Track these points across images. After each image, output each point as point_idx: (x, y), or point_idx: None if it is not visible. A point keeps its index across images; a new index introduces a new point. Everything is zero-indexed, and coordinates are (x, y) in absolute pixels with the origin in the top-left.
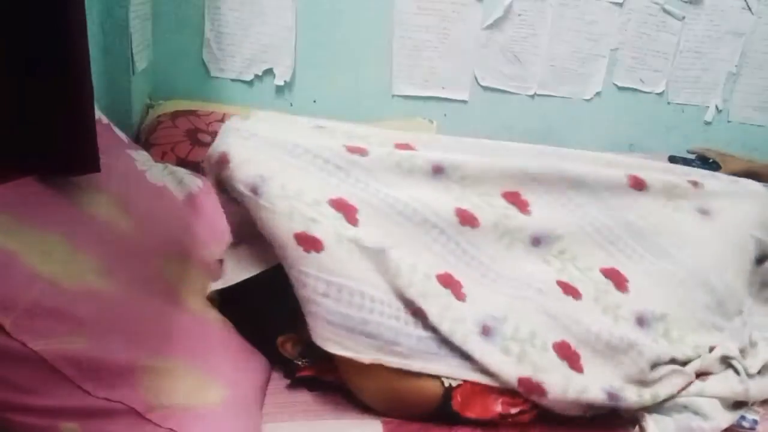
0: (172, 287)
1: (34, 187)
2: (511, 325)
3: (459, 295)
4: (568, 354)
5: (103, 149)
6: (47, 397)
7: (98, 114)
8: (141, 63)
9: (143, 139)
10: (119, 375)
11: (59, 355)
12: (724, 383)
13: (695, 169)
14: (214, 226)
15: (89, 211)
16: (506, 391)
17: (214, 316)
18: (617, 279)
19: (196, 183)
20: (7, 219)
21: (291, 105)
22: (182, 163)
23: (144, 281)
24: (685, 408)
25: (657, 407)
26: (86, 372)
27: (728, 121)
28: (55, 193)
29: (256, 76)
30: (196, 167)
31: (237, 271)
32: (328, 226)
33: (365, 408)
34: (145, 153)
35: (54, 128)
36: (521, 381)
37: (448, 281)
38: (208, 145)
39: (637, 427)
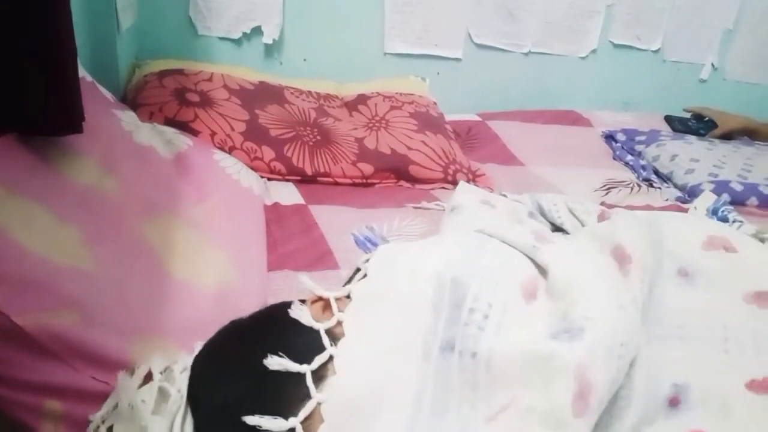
0: (157, 255)
1: (15, 150)
2: None
3: None
4: None
5: (88, 109)
6: (31, 372)
7: (82, 72)
8: (126, 21)
9: (130, 99)
10: (107, 355)
11: (46, 330)
12: None
13: None
14: (203, 184)
15: (72, 177)
16: None
17: (201, 282)
18: None
19: (185, 142)
20: None
21: (281, 64)
22: (170, 122)
23: (129, 251)
24: None
25: None
26: (74, 349)
27: (724, 80)
28: (36, 157)
29: (244, 34)
30: (184, 126)
31: None
32: None
33: None
34: (131, 113)
35: (34, 86)
36: None
37: None
38: (195, 104)
39: None
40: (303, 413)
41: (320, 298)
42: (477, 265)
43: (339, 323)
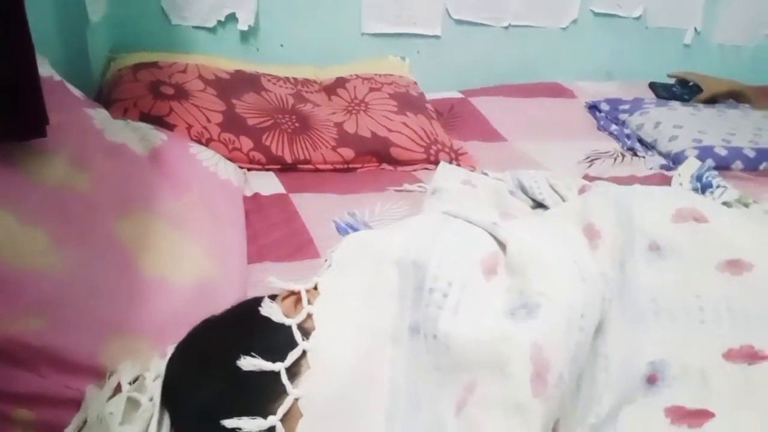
0: (130, 251)
1: None
2: None
3: None
4: None
5: (56, 108)
6: None
7: (50, 71)
8: (96, 14)
9: (106, 93)
10: (80, 361)
11: (10, 338)
12: None
13: None
14: (178, 179)
15: (39, 178)
16: None
17: (176, 278)
18: None
19: (159, 137)
20: None
21: (257, 50)
22: (145, 117)
23: (100, 250)
24: None
25: None
26: (42, 356)
27: (708, 44)
28: (0, 162)
29: (219, 22)
30: (159, 121)
31: None
32: None
33: None
34: (103, 110)
35: None
36: None
37: None
38: (170, 97)
39: None
40: (281, 410)
41: (291, 293)
42: (436, 246)
43: (309, 316)
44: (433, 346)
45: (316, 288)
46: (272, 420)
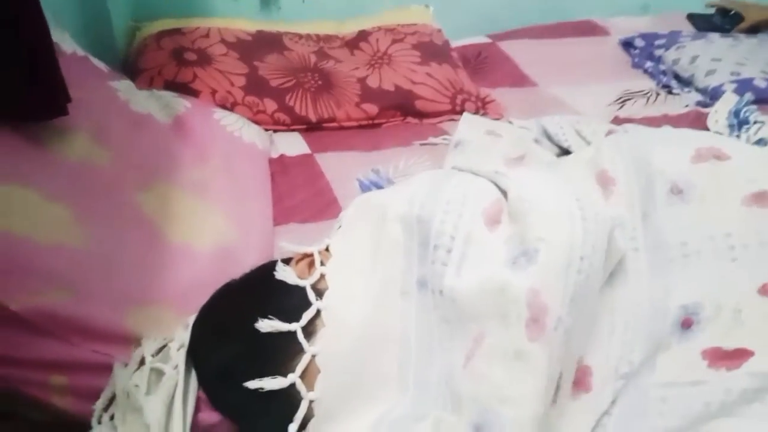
0: (152, 222)
1: (2, 139)
2: None
3: None
4: None
5: (80, 83)
6: (33, 351)
7: (72, 46)
8: None
9: (131, 64)
10: (106, 329)
11: (39, 311)
12: None
13: None
14: (201, 146)
15: (62, 155)
16: None
17: (199, 244)
18: None
19: (183, 104)
20: None
21: (279, 9)
22: (170, 85)
23: (123, 223)
24: None
25: None
26: (68, 325)
27: None
28: (22, 140)
29: None
30: (184, 88)
31: None
32: None
33: None
34: (128, 82)
35: (8, 75)
36: None
37: None
38: (193, 63)
39: None
40: (300, 368)
41: (305, 255)
42: (439, 200)
43: (322, 277)
44: (440, 301)
45: (327, 249)
46: (292, 377)
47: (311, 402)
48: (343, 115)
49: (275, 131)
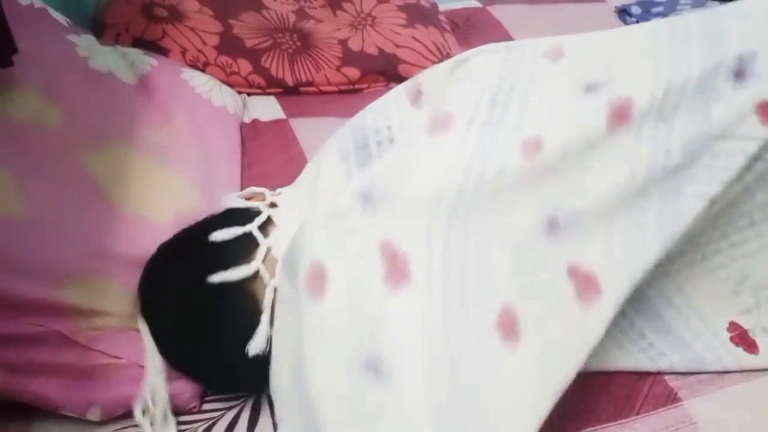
0: (103, 189)
1: None
2: None
3: None
4: None
5: (34, 36)
6: None
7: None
8: None
9: (99, 20)
10: (42, 302)
11: None
12: None
13: None
14: (165, 107)
15: (4, 113)
16: None
17: (157, 214)
18: None
19: (149, 62)
20: None
21: None
22: (138, 42)
23: (69, 189)
24: None
25: None
26: (4, 302)
27: None
28: None
29: None
30: (152, 46)
31: None
32: None
33: None
34: (90, 37)
35: None
36: None
37: None
38: (164, 20)
39: None
40: (259, 256)
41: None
42: (371, 106)
43: (273, 204)
44: None
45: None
46: (255, 264)
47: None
48: (322, 79)
49: (249, 94)
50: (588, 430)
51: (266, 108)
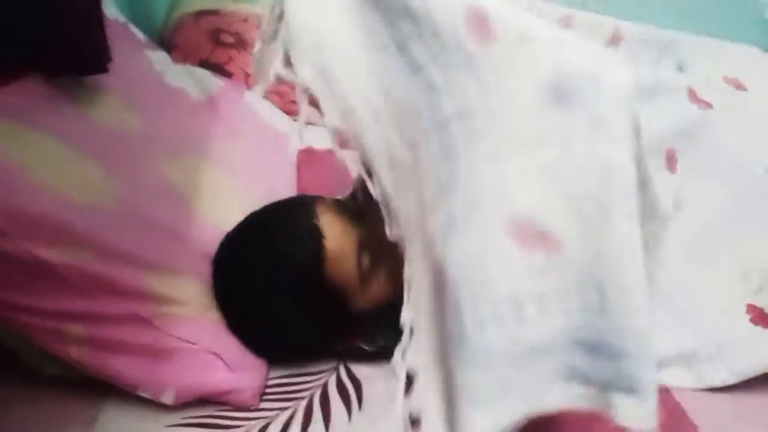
0: (180, 194)
1: (38, 88)
2: None
3: None
4: None
5: (117, 49)
6: (52, 301)
7: (114, 14)
8: None
9: (167, 40)
10: (129, 287)
11: (64, 263)
12: None
13: None
14: (234, 125)
15: (96, 115)
16: None
17: (220, 218)
18: None
19: (216, 83)
20: (12, 128)
21: None
22: (204, 64)
23: (150, 189)
24: None
25: None
26: (92, 281)
27: None
28: (60, 96)
29: None
30: (217, 69)
31: None
32: None
33: None
34: (164, 53)
35: (57, 24)
36: None
37: None
38: (230, 45)
39: None
40: None
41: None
42: None
43: None
44: None
45: None
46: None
47: None
48: None
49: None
50: None
51: (321, 138)
